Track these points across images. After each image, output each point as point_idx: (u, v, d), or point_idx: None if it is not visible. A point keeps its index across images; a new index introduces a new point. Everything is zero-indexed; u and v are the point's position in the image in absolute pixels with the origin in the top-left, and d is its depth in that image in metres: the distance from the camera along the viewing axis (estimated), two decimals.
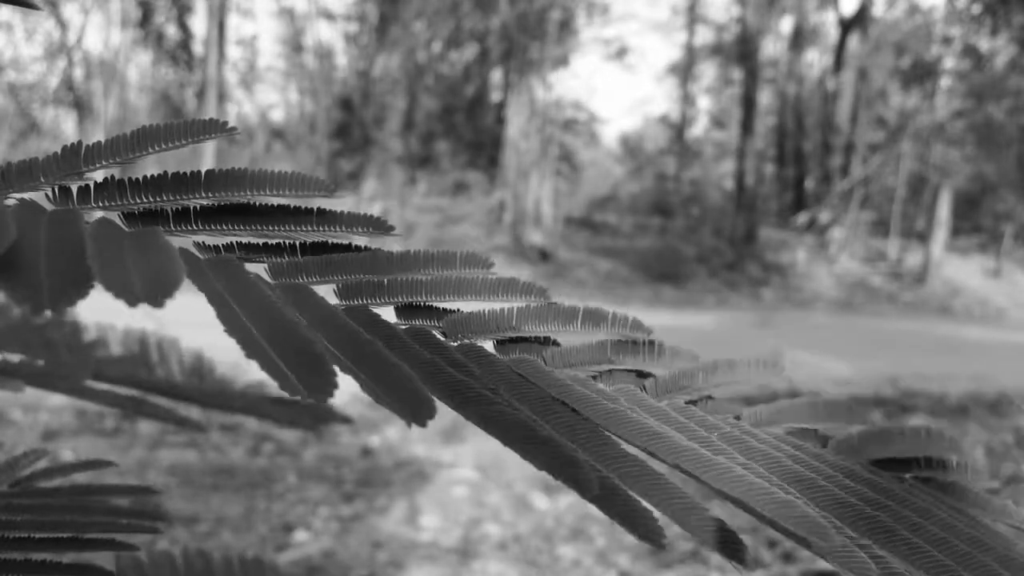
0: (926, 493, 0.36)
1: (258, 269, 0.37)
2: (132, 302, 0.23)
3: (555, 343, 0.38)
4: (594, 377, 0.38)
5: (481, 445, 4.48)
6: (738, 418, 0.38)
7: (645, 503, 0.30)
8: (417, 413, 0.27)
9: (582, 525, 3.37)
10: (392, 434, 4.73)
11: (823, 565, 3.02)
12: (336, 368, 0.27)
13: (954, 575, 0.30)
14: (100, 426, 4.50)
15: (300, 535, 3.18)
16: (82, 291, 0.23)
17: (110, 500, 0.54)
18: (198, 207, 0.39)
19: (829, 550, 0.30)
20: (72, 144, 0.39)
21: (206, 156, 14.47)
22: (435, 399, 0.29)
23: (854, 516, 0.32)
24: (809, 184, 22.53)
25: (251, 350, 0.26)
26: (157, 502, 2.95)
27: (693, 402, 0.38)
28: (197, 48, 20.06)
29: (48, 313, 0.23)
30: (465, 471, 4.05)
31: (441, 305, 0.38)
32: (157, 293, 0.23)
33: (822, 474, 0.33)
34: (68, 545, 0.50)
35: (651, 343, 0.38)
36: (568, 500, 3.63)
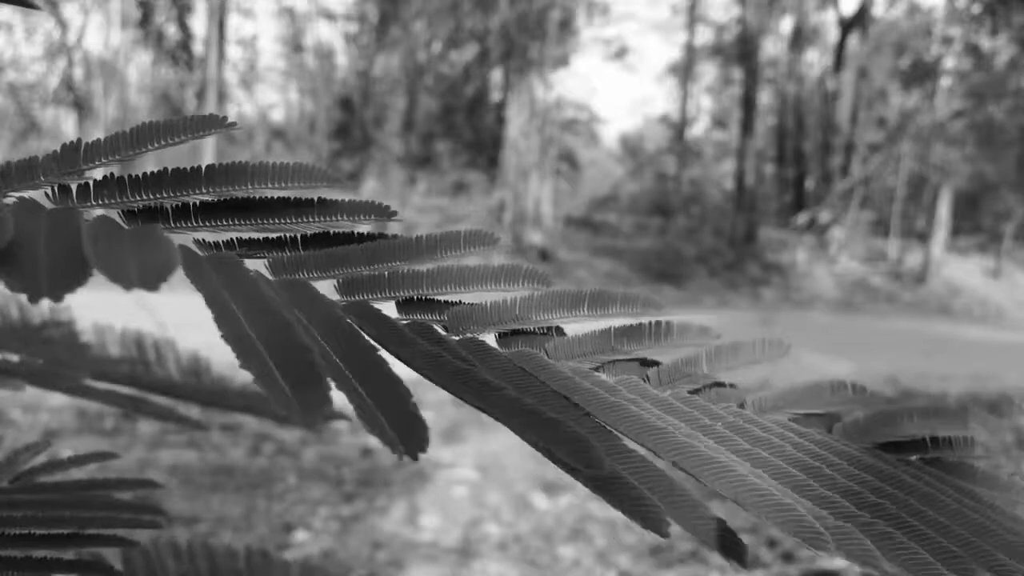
0: (931, 476, 0.36)
1: (258, 265, 0.37)
2: (127, 286, 0.23)
3: (560, 332, 0.38)
4: (597, 368, 0.38)
5: (481, 445, 4.48)
6: (742, 405, 0.38)
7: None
8: (409, 441, 0.26)
9: (582, 525, 3.37)
10: None
11: (823, 564, 3.02)
12: (331, 383, 0.27)
13: (956, 560, 0.31)
14: (100, 426, 4.50)
15: (300, 535, 3.18)
16: (80, 278, 0.23)
17: (111, 495, 0.54)
18: (198, 203, 0.39)
19: (828, 549, 0.30)
20: (72, 142, 0.38)
21: (205, 155, 14.47)
22: (428, 431, 0.28)
23: (858, 505, 0.32)
24: (809, 184, 22.53)
25: (246, 359, 0.26)
26: (156, 500, 2.96)
27: (697, 390, 0.38)
28: (197, 48, 20.06)
29: (46, 302, 0.23)
30: (465, 471, 4.05)
31: (443, 298, 0.38)
32: (152, 277, 0.24)
33: (826, 462, 0.34)
34: (69, 541, 0.50)
35: (657, 324, 0.39)
36: (568, 500, 3.63)
